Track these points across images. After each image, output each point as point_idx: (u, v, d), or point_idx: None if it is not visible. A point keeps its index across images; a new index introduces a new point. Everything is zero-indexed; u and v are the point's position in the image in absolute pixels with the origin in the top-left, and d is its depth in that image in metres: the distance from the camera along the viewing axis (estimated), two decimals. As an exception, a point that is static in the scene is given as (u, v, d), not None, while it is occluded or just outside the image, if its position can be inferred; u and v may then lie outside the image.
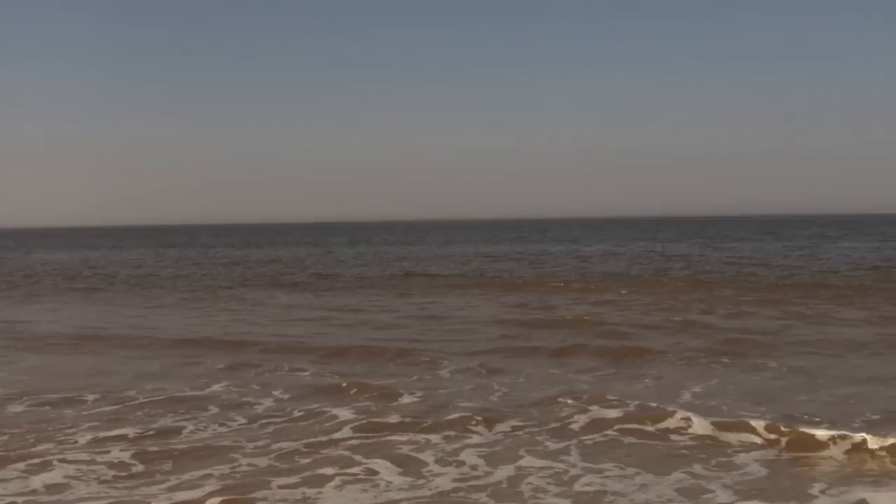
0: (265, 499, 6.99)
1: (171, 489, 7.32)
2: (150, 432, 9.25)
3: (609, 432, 9.07)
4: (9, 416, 10.17)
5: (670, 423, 9.29)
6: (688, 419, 9.31)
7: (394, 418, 9.70)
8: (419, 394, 11.08)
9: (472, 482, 7.46)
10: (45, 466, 7.97)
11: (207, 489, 7.28)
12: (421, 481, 7.51)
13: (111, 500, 6.99)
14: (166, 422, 9.76)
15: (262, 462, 8.10)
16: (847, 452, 8.16)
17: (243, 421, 9.78)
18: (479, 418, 9.58)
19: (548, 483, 7.41)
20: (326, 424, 9.54)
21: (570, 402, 10.36)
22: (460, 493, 7.16)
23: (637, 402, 10.14)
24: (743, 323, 17.85)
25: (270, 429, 9.41)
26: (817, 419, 9.38)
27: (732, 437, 8.75)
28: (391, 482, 7.48)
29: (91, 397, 11.09)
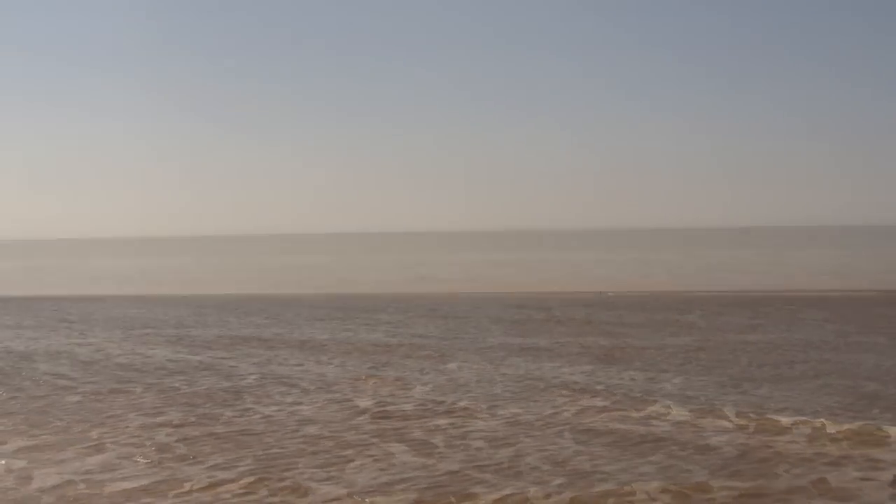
0: (293, 478, 7.03)
1: (211, 469, 7.36)
2: (192, 419, 9.30)
3: (598, 418, 9.08)
4: (66, 405, 10.24)
5: (652, 410, 9.29)
6: (668, 407, 9.33)
7: (408, 406, 9.73)
8: (430, 385, 11.11)
9: (478, 462, 7.48)
10: (99, 449, 8.03)
11: (242, 469, 7.32)
12: (432, 461, 7.53)
13: (157, 479, 7.04)
14: (206, 409, 9.81)
15: (292, 445, 8.14)
16: (808, 436, 8.15)
17: (274, 409, 9.82)
18: (483, 406, 9.60)
19: (544, 463, 7.43)
20: (348, 412, 9.58)
21: (564, 392, 10.38)
22: (467, 472, 7.18)
23: (623, 392, 10.14)
24: (718, 322, 17.83)
25: (299, 416, 9.45)
26: (783, 407, 9.38)
27: (707, 423, 8.74)
28: (406, 462, 7.52)
29: (139, 388, 11.15)
